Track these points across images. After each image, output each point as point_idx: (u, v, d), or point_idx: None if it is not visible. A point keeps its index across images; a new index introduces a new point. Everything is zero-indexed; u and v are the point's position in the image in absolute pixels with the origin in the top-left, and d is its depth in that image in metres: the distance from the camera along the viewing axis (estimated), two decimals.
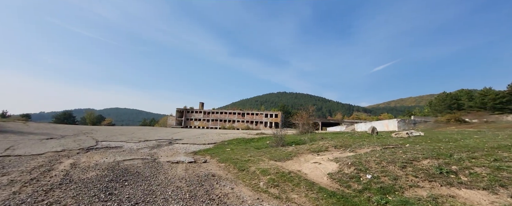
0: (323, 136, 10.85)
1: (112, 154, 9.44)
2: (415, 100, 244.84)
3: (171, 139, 15.78)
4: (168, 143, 13.65)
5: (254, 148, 10.84)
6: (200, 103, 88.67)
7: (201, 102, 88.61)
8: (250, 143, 13.04)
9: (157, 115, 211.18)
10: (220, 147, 11.40)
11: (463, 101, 57.52)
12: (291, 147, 8.86)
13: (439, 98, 68.71)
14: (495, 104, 49.84)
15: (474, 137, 7.78)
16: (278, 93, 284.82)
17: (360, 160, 4.65)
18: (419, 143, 6.50)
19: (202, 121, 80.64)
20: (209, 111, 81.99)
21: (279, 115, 70.96)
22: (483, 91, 56.11)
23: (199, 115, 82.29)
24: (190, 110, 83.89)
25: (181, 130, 30.63)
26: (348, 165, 4.59)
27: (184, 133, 21.01)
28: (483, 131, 10.00)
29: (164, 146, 12.25)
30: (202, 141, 13.97)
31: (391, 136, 8.79)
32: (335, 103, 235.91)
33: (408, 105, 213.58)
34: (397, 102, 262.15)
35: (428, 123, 23.26)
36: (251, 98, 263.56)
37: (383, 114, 69.56)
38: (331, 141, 8.20)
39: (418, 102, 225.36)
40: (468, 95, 59.02)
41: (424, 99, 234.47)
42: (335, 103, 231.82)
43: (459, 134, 8.92)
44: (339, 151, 6.42)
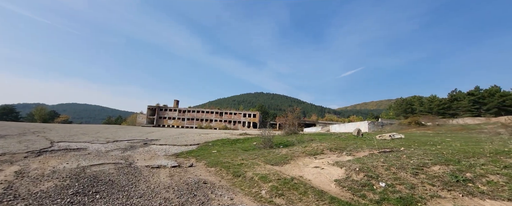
0: (312, 138, 10.76)
1: (75, 157, 7.87)
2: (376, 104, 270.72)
3: (146, 140, 14.18)
4: (143, 144, 12.15)
5: (242, 150, 10.20)
6: (174, 100, 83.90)
7: (176, 99, 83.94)
8: (235, 144, 12.34)
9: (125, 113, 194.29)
10: (205, 149, 10.49)
11: (415, 106, 65.40)
12: (284, 149, 8.48)
13: (397, 103, 76.75)
14: (439, 109, 57.67)
15: (447, 140, 8.45)
16: (255, 93, 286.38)
17: (367, 166, 4.40)
18: (408, 146, 6.68)
19: (177, 120, 76.38)
20: (184, 110, 78.08)
21: (258, 115, 71.05)
22: (430, 98, 64.54)
23: (174, 114, 77.82)
24: (163, 108, 78.79)
25: (155, 129, 28.25)
26: (356, 171, 4.33)
27: (160, 133, 19.22)
28: (452, 134, 11.00)
29: (139, 148, 10.82)
30: (182, 142, 12.80)
31: (375, 138, 9.09)
32: (309, 104, 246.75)
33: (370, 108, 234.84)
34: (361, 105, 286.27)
35: (393, 125, 25.55)
36: (228, 98, 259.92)
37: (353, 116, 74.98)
38: (324, 143, 8.05)
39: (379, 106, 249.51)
40: (419, 101, 67.24)
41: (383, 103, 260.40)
42: (309, 105, 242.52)
43: (436, 136, 9.61)
44: (336, 154, 6.22)
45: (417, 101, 65.94)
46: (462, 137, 9.38)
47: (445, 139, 8.78)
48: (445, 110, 57.80)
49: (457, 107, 57.23)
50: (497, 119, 24.67)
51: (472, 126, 22.01)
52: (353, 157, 5.59)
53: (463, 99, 57.35)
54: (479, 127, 19.84)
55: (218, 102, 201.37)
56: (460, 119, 28.33)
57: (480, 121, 25.93)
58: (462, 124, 23.68)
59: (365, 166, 4.39)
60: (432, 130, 20.69)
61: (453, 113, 55.18)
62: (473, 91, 57.34)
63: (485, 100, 53.14)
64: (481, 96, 54.92)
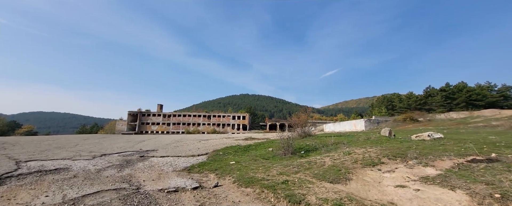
0: (334, 140, 9.74)
1: (56, 184, 5.87)
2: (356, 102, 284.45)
3: (141, 151, 12.09)
4: (140, 157, 10.16)
5: (262, 158, 8.82)
6: (158, 105, 79.05)
7: (159, 104, 79.09)
8: (249, 151, 10.90)
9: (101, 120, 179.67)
10: (219, 160, 8.91)
11: (395, 103, 69.27)
12: (315, 157, 7.27)
13: (379, 100, 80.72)
14: (417, 105, 61.53)
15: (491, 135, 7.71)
16: (241, 95, 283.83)
17: (503, 189, 3.02)
18: (499, 152, 5.53)
19: (161, 126, 71.84)
20: (169, 114, 73.83)
21: (247, 117, 69.54)
22: (408, 95, 68.78)
23: (158, 119, 73.17)
24: (146, 113, 73.73)
25: (144, 137, 25.48)
26: (494, 198, 2.94)
27: (153, 142, 16.96)
28: (469, 129, 10.64)
29: (138, 163, 8.87)
30: (187, 152, 11.01)
31: (412, 138, 8.30)
32: (293, 104, 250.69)
33: (351, 106, 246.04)
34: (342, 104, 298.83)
35: (388, 122, 26.01)
36: (213, 100, 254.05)
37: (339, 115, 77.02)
38: (360, 148, 6.98)
39: (358, 104, 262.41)
40: (398, 98, 71.38)
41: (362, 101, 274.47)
42: (293, 105, 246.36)
43: (491, 134, 8.69)
44: (402, 164, 4.95)
45: (396, 98, 69.58)
46: (499, 133, 8.94)
47: (488, 136, 8.02)
48: (421, 106, 61.71)
49: (431, 102, 61.30)
50: (480, 112, 26.27)
51: (460, 120, 22.89)
52: (441, 170, 4.35)
53: (437, 95, 61.58)
54: (470, 120, 20.57)
55: (203, 105, 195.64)
56: (446, 114, 29.95)
57: (465, 115, 27.50)
58: (450, 118, 24.84)
59: (503, 190, 2.99)
60: (426, 125, 21.02)
61: (429, 108, 59.09)
62: (444, 88, 61.89)
63: (454, 95, 57.58)
64: (451, 91, 59.39)
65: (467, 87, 57.98)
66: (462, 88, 58.41)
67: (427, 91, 66.03)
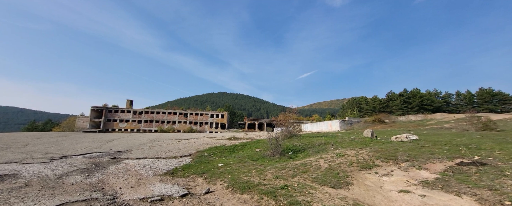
0: (319, 141, 9.82)
1: (1, 197, 4.64)
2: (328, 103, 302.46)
3: (112, 152, 10.64)
4: (111, 159, 8.87)
5: (251, 160, 8.43)
6: (127, 100, 72.51)
7: (129, 99, 72.54)
8: (235, 152, 10.39)
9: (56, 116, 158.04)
10: (205, 162, 8.24)
11: (363, 105, 75.52)
12: (309, 159, 7.15)
13: (349, 102, 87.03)
14: (380, 108, 67.99)
15: (455, 138, 8.45)
16: (219, 93, 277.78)
17: (511, 196, 3.04)
18: (483, 155, 5.90)
19: (131, 123, 66.07)
20: (141, 111, 68.35)
21: (226, 116, 68.14)
22: (373, 98, 75.59)
23: (127, 115, 67.16)
24: (113, 109, 67.09)
25: (113, 135, 22.89)
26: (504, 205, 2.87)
27: (124, 141, 15.17)
28: (429, 131, 11.56)
29: (110, 166, 7.68)
30: (166, 153, 10.01)
31: (392, 139, 8.80)
32: (271, 104, 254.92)
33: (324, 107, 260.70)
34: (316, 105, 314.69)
35: (359, 123, 28.03)
36: (190, 97, 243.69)
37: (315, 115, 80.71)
38: (360, 150, 6.90)
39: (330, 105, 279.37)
40: (365, 101, 77.98)
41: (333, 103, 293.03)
42: (271, 105, 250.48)
43: (454, 136, 9.54)
44: (395, 166, 4.96)
45: (363, 101, 75.55)
46: (460, 135, 9.97)
47: (454, 138, 8.71)
48: (384, 108, 68.21)
49: (392, 105, 68.10)
50: (432, 116, 29.92)
51: (418, 122, 25.57)
52: (436, 174, 4.44)
53: (396, 99, 68.60)
54: (426, 122, 23.02)
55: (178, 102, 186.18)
56: (406, 116, 33.56)
57: (421, 118, 31.07)
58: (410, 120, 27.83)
59: (511, 197, 3.00)
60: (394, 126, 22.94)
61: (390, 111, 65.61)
62: (402, 93, 69.28)
63: (410, 100, 64.92)
64: (407, 96, 66.76)
65: (420, 93, 65.86)
66: (416, 93, 66.13)
67: (388, 96, 73.12)
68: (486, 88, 62.79)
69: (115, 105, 71.29)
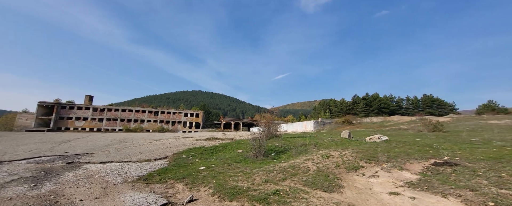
0: (301, 142, 9.90)
1: None
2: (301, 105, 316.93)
3: (68, 155, 8.98)
4: (66, 164, 7.42)
5: (234, 162, 7.98)
6: (86, 96, 64.22)
7: (88, 95, 64.33)
8: (216, 153, 9.78)
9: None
10: (184, 165, 7.49)
11: (332, 107, 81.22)
12: (296, 160, 7.03)
13: (320, 104, 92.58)
14: (347, 110, 74.03)
15: (426, 140, 9.26)
16: (193, 91, 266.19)
17: (492, 197, 3.25)
18: (422, 150, 6.32)
19: (90, 121, 58.63)
20: (103, 108, 61.21)
21: (201, 115, 65.45)
22: (341, 101, 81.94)
23: (86, 113, 59.45)
24: (68, 105, 58.71)
25: (68, 135, 19.73)
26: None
27: (83, 142, 13.05)
28: (425, 134, 12.26)
29: (66, 172, 6.36)
30: (138, 156, 8.86)
31: (366, 140, 9.37)
32: (247, 104, 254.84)
33: (297, 108, 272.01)
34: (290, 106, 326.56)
35: (331, 124, 29.87)
36: (161, 95, 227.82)
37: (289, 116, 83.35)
38: (343, 150, 6.98)
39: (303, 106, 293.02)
40: (334, 103, 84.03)
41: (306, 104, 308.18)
42: (247, 105, 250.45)
43: (415, 136, 10.48)
44: (377, 167, 5.12)
45: (333, 103, 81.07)
46: (419, 136, 11.14)
47: (416, 139, 9.69)
48: (350, 110, 74.28)
49: (357, 108, 74.60)
50: (390, 118, 33.56)
51: (379, 123, 28.26)
52: (416, 174, 4.56)
53: (360, 102, 75.35)
54: (386, 124, 25.55)
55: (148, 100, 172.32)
56: (369, 118, 37.08)
57: (381, 119, 34.58)
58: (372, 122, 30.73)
59: (493, 199, 3.17)
60: (360, 127, 24.86)
61: (355, 113, 71.81)
62: (365, 97, 76.44)
63: (371, 103, 72.08)
64: (369, 100, 73.97)
65: (379, 97, 73.66)
66: (376, 98, 73.69)
67: (354, 99, 79.85)
68: (428, 95, 73.44)
69: (70, 101, 62.43)
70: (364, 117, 46.05)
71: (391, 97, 78.03)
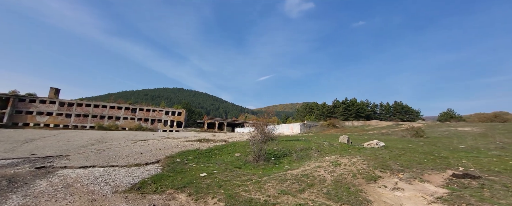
0: (299, 146, 9.67)
1: None
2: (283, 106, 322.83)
3: (36, 157, 7.56)
4: (36, 169, 6.18)
5: (235, 168, 7.45)
6: (52, 89, 57.40)
7: (53, 87, 57.51)
8: (212, 157, 9.08)
9: None
10: (181, 170, 6.73)
11: (314, 110, 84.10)
12: (307, 168, 6.69)
13: (303, 106, 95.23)
14: (328, 113, 77.18)
15: (422, 147, 9.53)
16: (175, 89, 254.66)
17: None
18: (428, 158, 6.43)
19: (55, 117, 52.48)
20: (72, 103, 55.29)
21: (183, 113, 62.61)
22: (322, 104, 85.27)
23: (50, 107, 53.15)
24: (28, 98, 51.99)
25: (33, 133, 17.17)
26: None
27: (52, 141, 11.25)
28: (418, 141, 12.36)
29: (36, 180, 5.23)
30: (124, 159, 7.80)
31: (365, 145, 9.48)
32: (230, 104, 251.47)
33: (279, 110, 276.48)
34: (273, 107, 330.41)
35: (317, 127, 30.60)
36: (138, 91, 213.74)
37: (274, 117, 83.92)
38: (350, 157, 6.67)
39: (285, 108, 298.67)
40: (316, 106, 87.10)
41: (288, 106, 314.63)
42: (230, 104, 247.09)
43: (405, 142, 10.80)
44: (395, 177, 5.00)
45: (315, 106, 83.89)
46: (407, 141, 11.56)
47: (409, 145, 9.81)
48: (330, 114, 77.51)
49: (337, 111, 78.06)
50: (369, 122, 35.56)
51: (360, 127, 29.64)
52: (442, 187, 4.41)
53: (340, 106, 79.03)
54: (366, 128, 26.81)
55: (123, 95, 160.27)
56: (351, 122, 38.93)
57: (361, 123, 36.48)
58: (354, 125, 32.28)
59: None
60: (344, 131, 25.72)
61: (335, 116, 75.07)
62: (344, 101, 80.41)
63: (350, 107, 76.07)
64: (348, 104, 77.94)
65: (357, 102, 78.05)
66: (354, 102, 77.94)
67: (334, 103, 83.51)
68: (398, 102, 79.94)
69: (30, 93, 55.25)
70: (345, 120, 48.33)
71: (367, 103, 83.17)
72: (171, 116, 61.38)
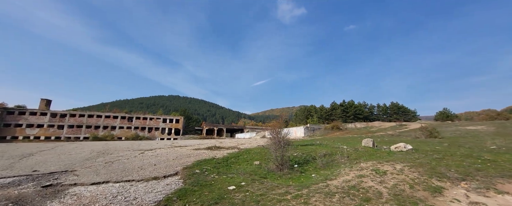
0: (329, 152, 8.97)
1: None
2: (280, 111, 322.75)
3: (39, 174, 6.80)
4: (42, 188, 5.48)
5: (260, 178, 6.93)
6: (42, 100, 55.49)
7: (44, 99, 55.67)
8: (230, 166, 8.50)
9: None
10: (205, 184, 6.13)
11: (312, 113, 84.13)
12: (347, 178, 6.17)
13: (301, 110, 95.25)
14: (326, 116, 77.28)
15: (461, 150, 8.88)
16: (170, 96, 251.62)
17: None
18: (476, 163, 5.81)
19: (47, 129, 50.44)
20: (64, 113, 53.44)
21: (181, 121, 61.37)
22: (320, 107, 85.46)
23: (41, 119, 51.17)
24: (16, 110, 50.01)
25: (28, 147, 16.09)
26: None
27: (52, 155, 10.35)
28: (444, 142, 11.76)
29: (47, 201, 4.57)
30: (138, 172, 7.14)
31: (392, 149, 8.82)
32: (227, 110, 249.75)
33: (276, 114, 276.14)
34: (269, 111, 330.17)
35: (321, 130, 30.26)
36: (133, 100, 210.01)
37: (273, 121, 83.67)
38: (394, 164, 6.09)
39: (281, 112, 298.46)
40: (314, 109, 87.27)
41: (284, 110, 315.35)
42: (227, 110, 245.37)
43: (427, 144, 10.12)
44: (460, 186, 4.51)
45: (313, 109, 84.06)
46: (428, 143, 10.91)
47: (435, 147, 9.29)
48: (328, 116, 77.68)
49: (335, 114, 78.25)
50: (372, 124, 35.53)
51: (363, 129, 29.38)
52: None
53: (338, 108, 79.31)
54: (370, 130, 26.57)
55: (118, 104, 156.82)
56: (353, 124, 38.86)
57: (364, 125, 36.44)
58: (357, 127, 32.13)
59: None
60: (349, 133, 25.40)
61: (333, 118, 75.21)
62: (342, 103, 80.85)
63: (348, 109, 76.44)
64: (346, 106, 78.36)
65: (354, 104, 78.60)
66: (352, 104, 78.47)
67: (332, 105, 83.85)
68: (395, 102, 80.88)
69: (20, 105, 53.23)
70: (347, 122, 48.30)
71: (365, 104, 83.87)
72: (169, 123, 60.05)
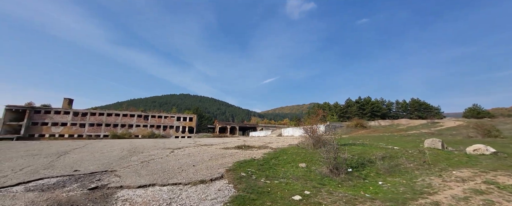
0: (389, 154, 7.93)
1: None
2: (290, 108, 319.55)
3: (80, 175, 6.47)
4: (88, 191, 5.06)
5: (317, 184, 6.17)
6: (65, 99, 58.06)
7: (67, 98, 58.23)
8: (273, 168, 7.81)
9: None
10: (260, 191, 5.47)
11: (326, 111, 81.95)
12: (455, 193, 5.29)
13: (314, 108, 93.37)
14: (341, 113, 74.84)
15: None
16: (181, 95, 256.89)
17: None
18: None
19: (70, 127, 52.72)
20: (85, 112, 55.58)
21: (194, 119, 61.99)
22: (335, 104, 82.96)
23: (65, 118, 53.51)
24: (43, 109, 52.51)
25: (59, 145, 16.43)
26: None
27: (86, 153, 10.22)
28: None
29: None
30: (181, 174, 6.63)
31: (470, 151, 7.53)
32: (237, 108, 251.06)
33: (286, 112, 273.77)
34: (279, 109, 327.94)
35: (342, 128, 28.88)
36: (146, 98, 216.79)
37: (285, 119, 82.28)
38: (505, 173, 5.35)
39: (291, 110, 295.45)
40: (328, 106, 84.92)
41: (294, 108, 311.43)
42: (237, 108, 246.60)
43: (495, 145, 8.74)
44: None
45: (327, 106, 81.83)
46: (494, 144, 9.41)
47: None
48: (343, 113, 75.20)
49: (350, 111, 75.58)
50: (398, 121, 33.56)
51: (390, 127, 27.68)
52: None
53: (353, 105, 76.59)
54: (397, 128, 24.87)
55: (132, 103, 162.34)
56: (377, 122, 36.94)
57: (389, 123, 34.51)
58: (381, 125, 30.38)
59: None
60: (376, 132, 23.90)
61: (348, 116, 72.72)
62: (358, 100, 77.90)
63: (364, 106, 73.49)
64: (362, 103, 75.41)
65: (371, 101, 75.39)
66: (369, 101, 75.40)
67: (347, 102, 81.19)
68: (416, 99, 76.53)
69: (45, 104, 56.00)
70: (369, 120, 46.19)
71: (382, 101, 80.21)
72: (183, 122, 60.82)
